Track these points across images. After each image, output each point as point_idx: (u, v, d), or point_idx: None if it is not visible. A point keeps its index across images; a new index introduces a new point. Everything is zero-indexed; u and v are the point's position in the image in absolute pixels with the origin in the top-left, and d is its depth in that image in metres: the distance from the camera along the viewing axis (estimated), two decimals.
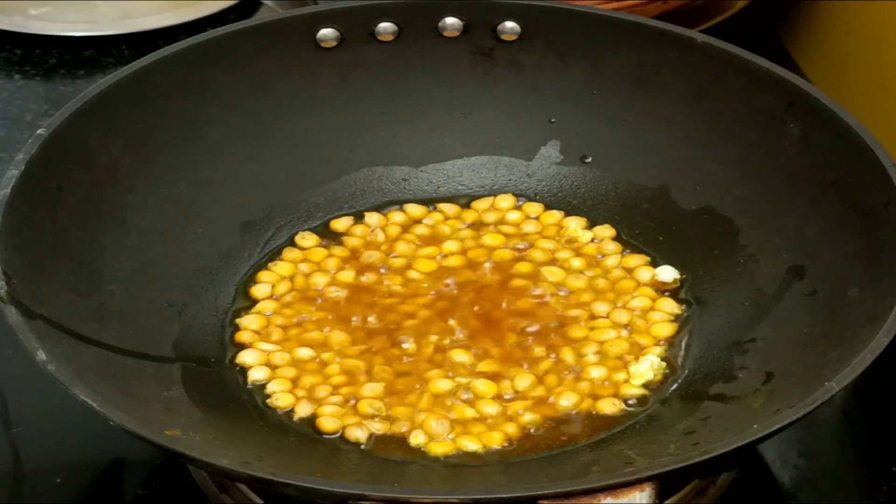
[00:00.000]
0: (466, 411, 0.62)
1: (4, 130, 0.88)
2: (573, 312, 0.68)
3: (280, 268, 0.70)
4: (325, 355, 0.65)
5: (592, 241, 0.71)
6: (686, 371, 0.65)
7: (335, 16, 0.73)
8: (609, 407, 0.63)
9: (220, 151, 0.72)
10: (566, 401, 0.63)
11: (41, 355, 0.56)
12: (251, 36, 0.73)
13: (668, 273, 0.69)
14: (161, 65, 0.71)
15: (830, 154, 0.67)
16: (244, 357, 0.65)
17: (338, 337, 0.66)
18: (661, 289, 0.69)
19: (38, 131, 0.65)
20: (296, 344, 0.66)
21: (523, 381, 0.64)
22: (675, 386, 0.64)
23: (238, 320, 0.67)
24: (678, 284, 0.69)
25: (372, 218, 0.72)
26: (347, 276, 0.69)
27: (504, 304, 0.68)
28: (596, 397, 0.64)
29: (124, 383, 0.60)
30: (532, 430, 0.62)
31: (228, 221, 0.71)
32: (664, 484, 0.53)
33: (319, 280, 0.69)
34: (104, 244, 0.66)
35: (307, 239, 0.71)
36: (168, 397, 0.61)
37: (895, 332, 0.57)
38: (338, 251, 0.71)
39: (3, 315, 0.58)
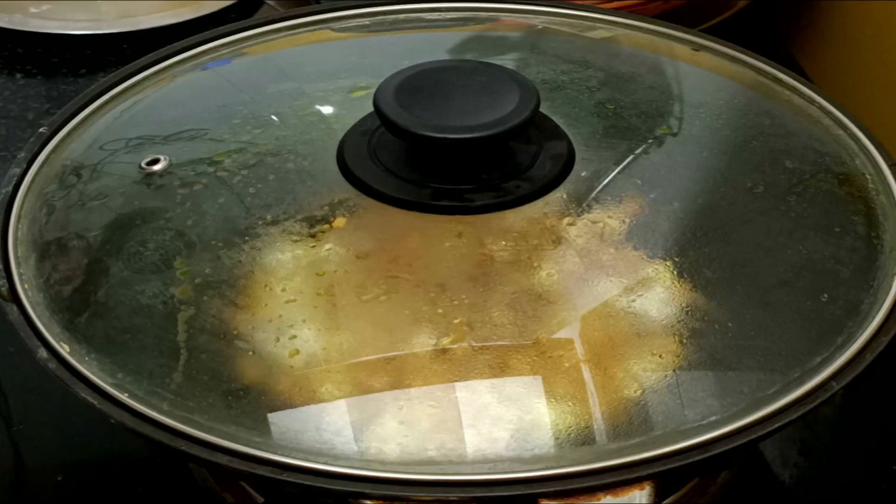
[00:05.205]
0: None
1: (6, 129, 0.88)
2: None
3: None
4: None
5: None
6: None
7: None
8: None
9: None
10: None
11: (42, 353, 0.56)
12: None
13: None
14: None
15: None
16: None
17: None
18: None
19: (40, 130, 0.66)
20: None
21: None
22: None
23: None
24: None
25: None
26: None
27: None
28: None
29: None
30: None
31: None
32: (664, 483, 0.53)
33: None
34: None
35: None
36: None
37: (895, 332, 0.58)
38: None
39: (4, 312, 0.58)
